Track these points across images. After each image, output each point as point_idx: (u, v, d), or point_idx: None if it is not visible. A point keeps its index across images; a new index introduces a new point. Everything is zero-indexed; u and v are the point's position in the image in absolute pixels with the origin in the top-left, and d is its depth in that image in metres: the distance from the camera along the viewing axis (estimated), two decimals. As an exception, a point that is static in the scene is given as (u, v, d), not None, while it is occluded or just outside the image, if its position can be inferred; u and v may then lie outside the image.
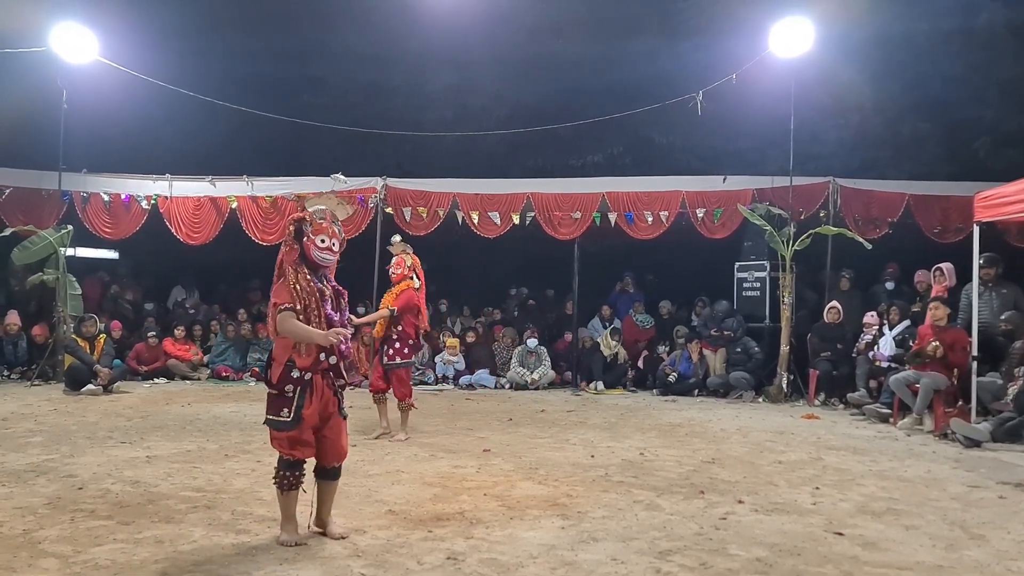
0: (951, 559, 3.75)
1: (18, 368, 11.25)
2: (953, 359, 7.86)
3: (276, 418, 3.80)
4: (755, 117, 11.99)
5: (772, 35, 10.22)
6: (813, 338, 10.17)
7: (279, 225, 11.52)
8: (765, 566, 3.60)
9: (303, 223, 3.91)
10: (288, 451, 3.80)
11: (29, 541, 3.80)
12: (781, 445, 6.82)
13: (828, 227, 10.39)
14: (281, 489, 3.83)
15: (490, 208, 11.60)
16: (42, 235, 10.88)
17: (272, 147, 13.96)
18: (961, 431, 6.91)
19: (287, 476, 3.82)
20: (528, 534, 4.03)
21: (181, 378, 11.43)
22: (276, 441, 3.85)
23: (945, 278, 9.00)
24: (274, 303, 3.82)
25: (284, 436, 3.79)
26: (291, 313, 3.75)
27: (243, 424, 7.52)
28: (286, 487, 3.82)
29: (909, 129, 12.54)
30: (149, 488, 4.90)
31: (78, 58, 10.78)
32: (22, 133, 11.81)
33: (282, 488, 3.82)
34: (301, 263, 3.89)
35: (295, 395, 3.78)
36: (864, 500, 4.85)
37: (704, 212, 11.16)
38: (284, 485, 3.82)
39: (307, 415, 3.79)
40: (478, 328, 12.76)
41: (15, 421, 7.48)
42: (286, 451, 3.80)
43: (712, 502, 4.74)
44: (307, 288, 3.84)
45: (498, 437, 7.02)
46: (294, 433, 3.78)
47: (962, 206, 9.77)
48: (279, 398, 3.80)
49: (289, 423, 3.77)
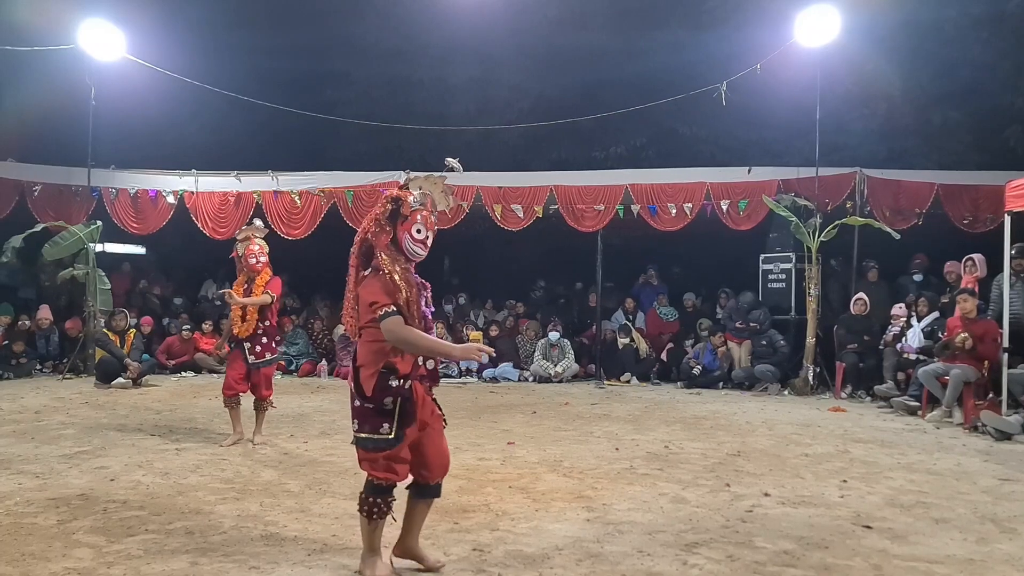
0: (982, 552, 3.71)
1: (50, 362, 11.46)
2: (984, 351, 7.74)
3: (374, 436, 3.17)
4: (780, 107, 11.87)
5: (797, 24, 10.11)
6: (840, 330, 10.07)
7: (304, 219, 11.62)
8: (792, 559, 3.58)
9: (400, 203, 3.27)
10: (384, 473, 3.19)
11: (63, 531, 3.87)
12: (807, 438, 6.76)
13: (855, 218, 10.27)
14: (369, 518, 3.24)
15: (513, 201, 11.59)
16: (72, 231, 11.05)
17: (296, 142, 14.07)
18: (992, 423, 6.81)
19: (379, 503, 3.22)
20: (553, 526, 4.04)
21: (208, 371, 11.57)
22: (368, 463, 3.21)
23: (976, 269, 8.86)
24: (370, 303, 3.13)
25: (380, 456, 3.18)
26: (399, 318, 3.11)
27: (270, 417, 7.56)
28: (376, 515, 3.23)
29: (938, 118, 12.34)
30: (179, 480, 4.98)
31: (106, 55, 10.94)
32: (51, 130, 12.01)
33: (371, 517, 3.23)
34: (395, 251, 3.25)
35: (395, 407, 3.16)
36: (893, 493, 4.81)
37: (729, 204, 11.07)
38: (375, 513, 3.23)
39: (410, 430, 3.22)
40: (503, 322, 12.77)
41: (48, 414, 7.62)
42: (381, 473, 3.19)
43: (738, 495, 4.72)
44: (407, 282, 3.19)
45: (522, 430, 7.03)
46: (394, 451, 3.19)
47: (992, 196, 9.61)
48: (377, 412, 3.16)
49: (391, 440, 3.16)
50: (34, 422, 7.11)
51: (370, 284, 3.16)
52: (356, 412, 3.22)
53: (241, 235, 6.40)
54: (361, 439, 3.20)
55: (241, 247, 6.28)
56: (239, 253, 6.29)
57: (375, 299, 3.11)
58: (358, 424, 3.21)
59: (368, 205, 11.63)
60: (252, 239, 6.27)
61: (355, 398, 3.22)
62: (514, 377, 11.43)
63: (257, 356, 6.21)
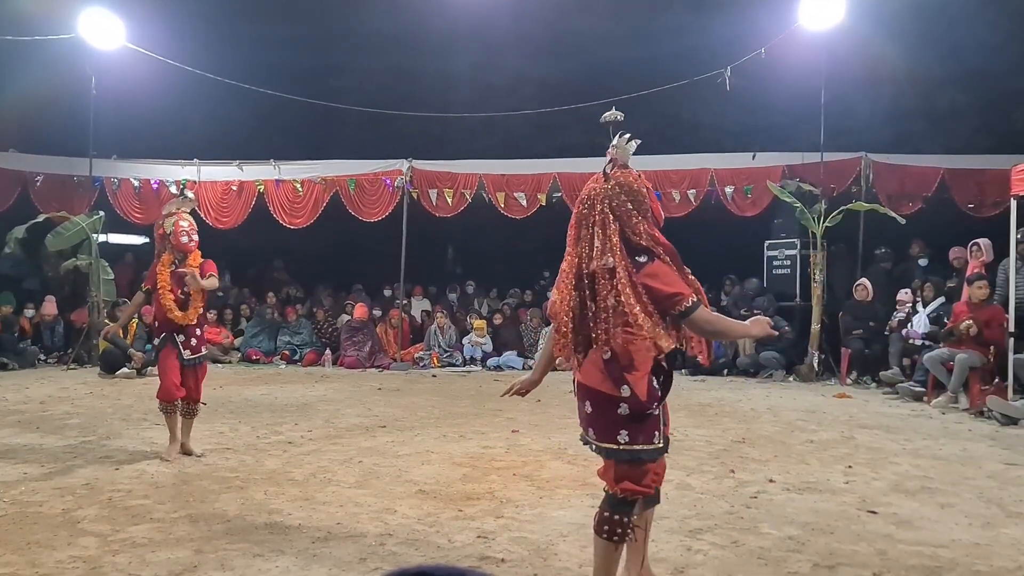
0: (987, 537, 3.69)
1: (55, 353, 11.49)
2: (989, 336, 7.70)
3: (649, 447, 2.72)
4: (785, 92, 11.77)
5: (802, 7, 10.02)
6: (845, 316, 10.03)
7: (306, 208, 11.61)
8: (798, 544, 3.57)
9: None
10: (644, 487, 2.75)
11: (68, 520, 3.88)
12: (813, 424, 6.75)
13: (860, 203, 10.21)
14: (612, 539, 2.73)
15: (516, 189, 11.56)
16: (75, 221, 11.05)
17: (298, 131, 14.02)
18: (997, 408, 6.79)
19: (626, 521, 2.73)
20: (558, 513, 4.03)
21: (212, 361, 11.57)
22: (631, 478, 2.70)
23: (983, 253, 8.80)
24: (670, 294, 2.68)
25: (648, 468, 2.75)
26: (706, 308, 2.75)
27: (274, 406, 7.62)
28: (619, 537, 2.73)
29: (945, 101, 12.24)
30: (184, 469, 4.98)
31: (106, 45, 10.91)
32: (53, 120, 11.98)
33: (614, 538, 2.73)
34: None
35: (659, 412, 2.78)
36: (898, 479, 4.79)
37: (733, 190, 11.03)
38: (620, 535, 2.73)
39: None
40: (505, 310, 12.77)
41: (53, 404, 7.64)
42: (639, 487, 2.73)
43: (743, 481, 4.71)
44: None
45: (526, 418, 7.03)
46: (658, 460, 2.81)
47: (999, 180, 9.53)
48: (649, 419, 2.72)
49: (662, 449, 2.79)
50: (39, 412, 7.13)
51: (665, 274, 2.71)
52: (621, 422, 2.69)
53: (167, 210, 5.60)
54: (636, 451, 2.70)
55: (168, 223, 5.47)
56: (166, 230, 5.48)
57: (677, 290, 2.69)
58: (629, 436, 2.68)
59: (370, 194, 11.63)
60: (180, 214, 5.51)
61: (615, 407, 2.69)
62: (518, 365, 11.43)
63: (194, 351, 5.44)
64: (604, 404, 2.72)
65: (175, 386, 5.30)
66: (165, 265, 5.47)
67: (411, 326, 12.55)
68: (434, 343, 11.86)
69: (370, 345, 11.56)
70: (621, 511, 2.72)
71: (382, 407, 7.61)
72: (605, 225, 2.74)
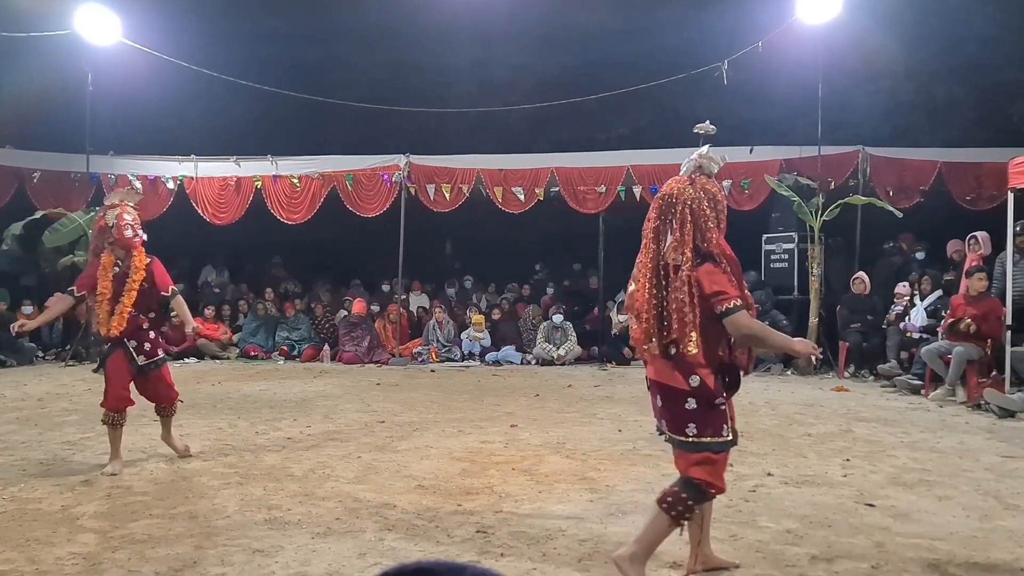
0: (985, 529, 3.70)
1: (53, 349, 11.48)
2: (987, 329, 7.72)
3: (720, 439, 2.90)
4: (782, 85, 11.75)
5: (799, 0, 9.99)
6: (843, 310, 10.05)
7: (303, 204, 11.59)
8: (796, 537, 3.58)
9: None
10: (715, 480, 2.91)
11: (68, 516, 3.88)
12: (810, 417, 6.76)
13: (858, 197, 10.21)
14: (676, 519, 2.92)
15: (514, 183, 11.56)
16: (72, 217, 11.04)
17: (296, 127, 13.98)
18: (995, 401, 6.81)
19: (692, 507, 2.93)
20: (557, 507, 4.04)
21: (211, 357, 11.58)
22: (707, 470, 2.89)
23: (980, 247, 8.80)
24: (714, 292, 2.83)
25: (718, 459, 2.92)
26: (748, 312, 2.87)
27: (273, 402, 7.62)
28: (676, 514, 2.92)
29: (942, 94, 12.23)
30: (182, 465, 4.99)
31: (102, 40, 10.86)
32: (49, 116, 11.94)
33: (678, 518, 2.92)
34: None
35: (726, 406, 2.96)
36: (896, 472, 4.80)
37: (731, 183, 11.02)
38: (679, 513, 2.92)
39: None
40: (503, 304, 12.77)
41: (51, 401, 7.64)
42: (711, 479, 2.90)
43: (741, 475, 4.71)
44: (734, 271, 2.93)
45: (525, 412, 7.03)
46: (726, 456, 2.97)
47: (996, 173, 9.55)
48: (717, 412, 2.90)
49: (732, 441, 2.96)
50: (37, 409, 7.13)
51: (710, 273, 2.85)
52: (689, 416, 2.89)
53: (109, 200, 5.08)
54: (708, 443, 2.88)
55: (111, 215, 4.88)
56: (107, 223, 4.89)
57: (722, 289, 2.82)
58: (697, 428, 2.88)
59: (367, 189, 11.62)
60: (124, 206, 4.95)
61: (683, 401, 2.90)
62: (517, 360, 11.44)
63: (148, 356, 4.97)
64: (674, 398, 2.94)
65: (121, 396, 4.84)
66: (107, 268, 4.89)
67: (409, 321, 12.55)
68: (432, 338, 11.86)
69: (368, 340, 11.55)
70: (689, 492, 2.90)
71: (381, 402, 7.61)
72: (684, 224, 2.92)
